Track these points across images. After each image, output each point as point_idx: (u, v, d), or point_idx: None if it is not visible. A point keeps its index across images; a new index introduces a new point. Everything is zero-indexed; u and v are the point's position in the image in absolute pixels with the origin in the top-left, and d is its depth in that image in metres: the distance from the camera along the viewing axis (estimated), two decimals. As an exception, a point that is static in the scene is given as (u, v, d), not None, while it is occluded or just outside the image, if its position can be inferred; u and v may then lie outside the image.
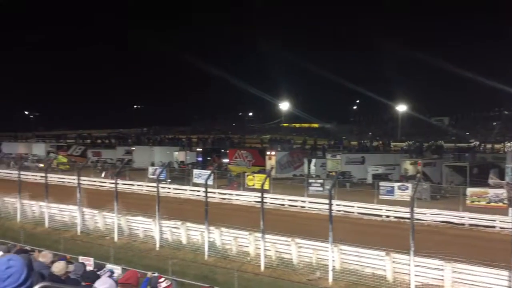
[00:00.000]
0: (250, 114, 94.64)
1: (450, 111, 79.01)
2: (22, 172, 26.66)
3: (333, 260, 15.89)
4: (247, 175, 30.29)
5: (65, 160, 43.71)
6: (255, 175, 30.70)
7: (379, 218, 23.74)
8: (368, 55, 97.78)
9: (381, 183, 26.33)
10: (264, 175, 27.60)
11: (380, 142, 56.54)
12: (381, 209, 24.01)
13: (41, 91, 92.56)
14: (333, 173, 32.59)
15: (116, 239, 20.61)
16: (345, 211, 24.34)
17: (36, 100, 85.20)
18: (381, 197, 25.20)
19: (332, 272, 15.70)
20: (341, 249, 16.18)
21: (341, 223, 19.05)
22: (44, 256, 6.79)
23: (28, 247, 13.53)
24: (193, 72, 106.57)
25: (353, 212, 24.47)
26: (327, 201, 18.36)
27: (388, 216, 23.57)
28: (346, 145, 50.48)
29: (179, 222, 19.74)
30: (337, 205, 23.68)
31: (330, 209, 16.66)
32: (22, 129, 71.86)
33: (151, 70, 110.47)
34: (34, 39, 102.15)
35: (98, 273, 6.43)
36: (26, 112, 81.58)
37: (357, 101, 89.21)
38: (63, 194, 24.38)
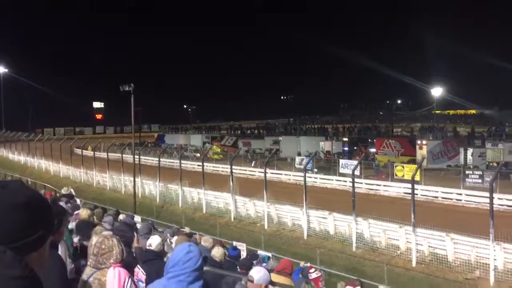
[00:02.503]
0: (399, 101, 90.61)
1: None
2: (182, 161, 29.26)
3: (494, 259, 14.56)
4: (396, 165, 29.18)
5: (218, 150, 46.75)
6: (405, 165, 29.46)
7: (552, 215, 21.01)
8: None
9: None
10: (415, 165, 26.34)
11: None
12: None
13: (196, 86, 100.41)
14: (495, 164, 29.80)
15: (266, 226, 21.46)
16: (508, 206, 22.05)
17: (193, 95, 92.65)
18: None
19: (494, 272, 14.42)
20: (504, 248, 14.75)
21: (504, 219, 17.26)
22: (206, 241, 7.35)
23: (187, 230, 14.80)
24: (339, 61, 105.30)
25: (518, 207, 22.04)
26: (487, 194, 16.96)
27: None
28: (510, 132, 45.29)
29: (326, 212, 19.81)
30: (499, 199, 21.56)
31: (491, 203, 15.28)
32: (182, 122, 78.59)
33: (297, 61, 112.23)
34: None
35: (253, 261, 6.76)
36: (185, 106, 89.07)
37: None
38: (217, 182, 26.12)
